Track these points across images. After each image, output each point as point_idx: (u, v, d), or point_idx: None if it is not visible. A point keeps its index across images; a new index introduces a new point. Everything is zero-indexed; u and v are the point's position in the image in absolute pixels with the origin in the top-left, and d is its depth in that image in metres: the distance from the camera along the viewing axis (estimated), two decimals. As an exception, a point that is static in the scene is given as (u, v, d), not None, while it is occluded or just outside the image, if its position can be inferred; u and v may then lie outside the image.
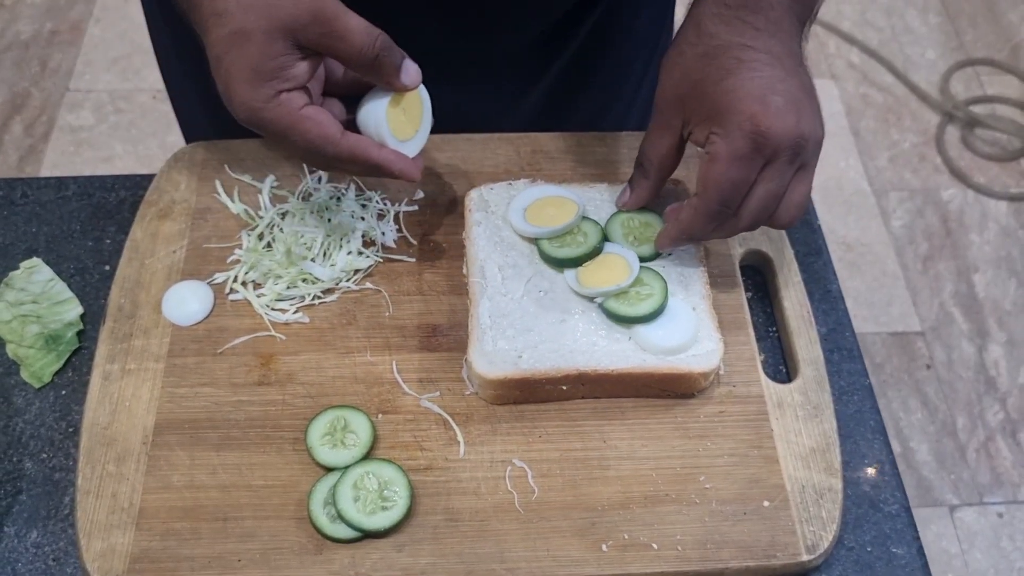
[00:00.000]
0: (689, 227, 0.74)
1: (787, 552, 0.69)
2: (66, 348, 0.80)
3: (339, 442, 0.72)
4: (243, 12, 0.67)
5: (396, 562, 0.68)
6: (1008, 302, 2.14)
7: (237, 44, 0.67)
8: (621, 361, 0.74)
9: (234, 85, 0.68)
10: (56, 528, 0.72)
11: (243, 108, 0.69)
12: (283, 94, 0.69)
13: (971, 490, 1.88)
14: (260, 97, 0.68)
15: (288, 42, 0.68)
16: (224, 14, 0.67)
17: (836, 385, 0.80)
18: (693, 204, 0.73)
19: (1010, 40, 2.64)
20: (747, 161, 0.69)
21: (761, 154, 0.69)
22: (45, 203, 0.90)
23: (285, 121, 0.69)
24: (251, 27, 0.67)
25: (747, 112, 0.68)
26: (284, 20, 0.67)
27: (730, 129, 0.68)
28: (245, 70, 0.67)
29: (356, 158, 0.72)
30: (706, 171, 0.70)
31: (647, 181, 0.79)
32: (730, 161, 0.68)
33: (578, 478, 0.72)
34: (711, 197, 0.71)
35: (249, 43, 0.67)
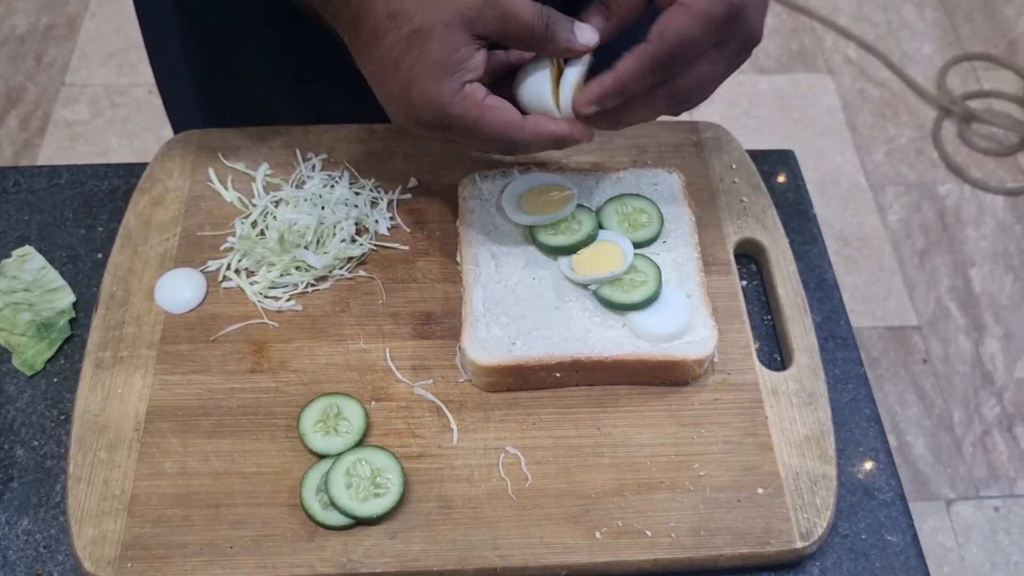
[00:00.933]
0: (626, 76, 0.68)
1: (781, 539, 0.69)
2: (58, 336, 0.80)
3: (332, 429, 0.72)
4: (420, 9, 0.65)
5: (389, 549, 0.67)
6: (1004, 297, 2.14)
7: (418, 42, 0.66)
8: (615, 348, 0.74)
9: (418, 84, 0.66)
10: (47, 515, 0.71)
11: (430, 106, 0.67)
12: (467, 86, 0.67)
13: (967, 484, 1.88)
14: (447, 92, 0.67)
15: (467, 32, 0.66)
16: (400, 15, 0.66)
17: (831, 373, 0.80)
18: (638, 51, 0.67)
19: (1007, 35, 2.64)
20: (714, 27, 0.66)
21: (727, 30, 0.67)
22: (37, 191, 0.89)
23: (473, 113, 0.67)
24: (431, 22, 0.65)
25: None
26: (461, 10, 0.66)
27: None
28: (430, 67, 0.66)
29: (540, 137, 0.70)
30: (669, 19, 0.66)
31: (605, 10, 0.72)
32: (702, 17, 0.65)
33: (572, 465, 0.71)
34: (665, 44, 0.66)
35: (431, 39, 0.66)
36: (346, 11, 0.68)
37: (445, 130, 0.68)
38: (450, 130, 0.68)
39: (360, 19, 0.68)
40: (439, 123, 0.68)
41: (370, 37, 0.68)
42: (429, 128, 0.68)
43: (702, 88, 0.70)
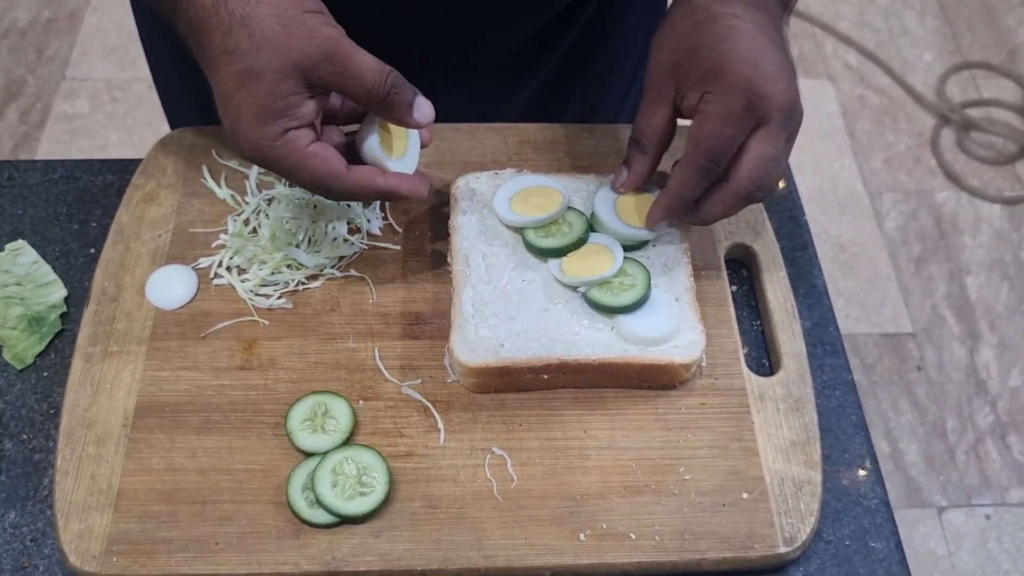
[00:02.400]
0: (679, 189, 0.73)
1: (765, 544, 0.69)
2: (49, 330, 0.80)
3: (319, 427, 0.72)
4: (255, 51, 0.66)
5: (373, 548, 0.68)
6: (1000, 305, 2.14)
7: (247, 83, 0.67)
8: (603, 351, 0.74)
9: (242, 123, 0.68)
10: (34, 509, 0.71)
11: (250, 146, 0.69)
12: (290, 132, 0.68)
13: (959, 492, 1.88)
14: (267, 135, 0.68)
15: (298, 80, 0.67)
16: (235, 52, 0.66)
17: (818, 379, 0.80)
18: (681, 164, 0.72)
19: (1007, 44, 2.65)
20: (739, 119, 0.69)
21: (754, 114, 0.70)
22: (31, 186, 0.90)
23: (292, 159, 0.69)
24: (262, 66, 0.66)
25: (741, 72, 0.69)
26: (296, 59, 0.67)
27: (724, 87, 0.69)
28: (254, 108, 0.67)
29: (364, 190, 0.72)
30: (697, 128, 0.70)
31: (645, 157, 0.77)
32: (723, 117, 0.69)
33: (558, 467, 0.72)
34: (700, 152, 0.70)
35: (260, 82, 0.66)
36: (191, 38, 0.70)
37: (269, 167, 0.70)
38: (273, 168, 0.70)
39: (203, 47, 0.69)
40: (260, 162, 0.70)
41: (209, 67, 0.69)
42: (255, 163, 0.71)
43: (767, 169, 0.72)
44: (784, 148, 0.73)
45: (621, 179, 0.79)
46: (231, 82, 0.67)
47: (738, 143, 0.71)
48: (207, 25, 0.67)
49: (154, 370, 0.75)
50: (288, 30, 0.67)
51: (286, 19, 0.67)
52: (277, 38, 0.66)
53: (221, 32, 0.67)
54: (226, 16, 0.67)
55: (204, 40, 0.68)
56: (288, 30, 0.67)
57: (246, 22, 0.66)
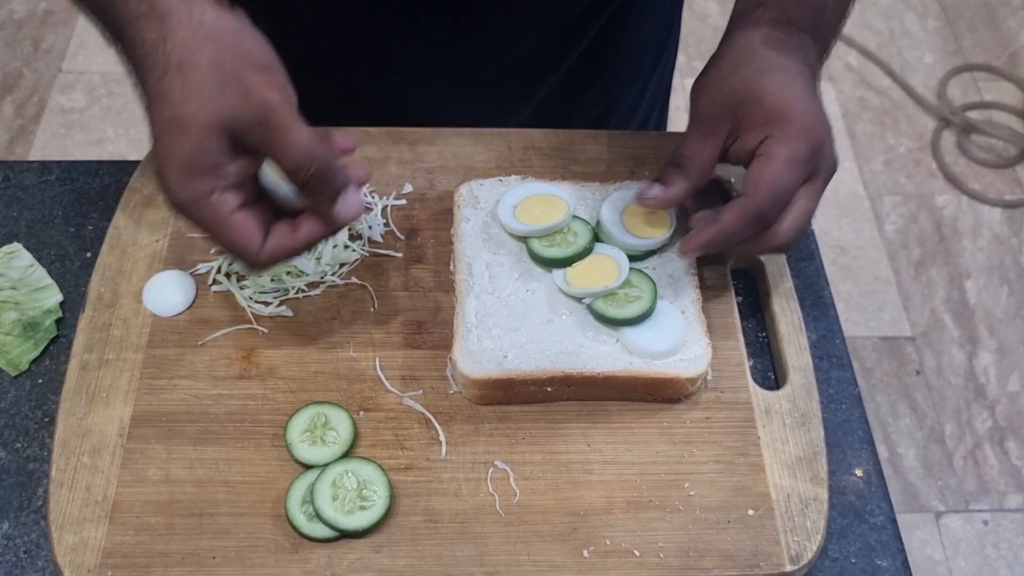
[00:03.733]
0: (730, 229, 0.72)
1: (770, 562, 0.68)
2: (44, 336, 0.79)
3: (319, 439, 0.71)
4: (184, 100, 0.62)
5: (374, 563, 0.66)
6: (999, 310, 2.13)
7: (173, 131, 0.63)
8: (608, 364, 0.73)
9: (167, 173, 0.64)
10: (28, 520, 0.70)
11: (174, 198, 0.64)
12: (214, 194, 0.64)
13: (957, 497, 1.87)
14: (191, 191, 0.64)
15: (225, 140, 0.63)
16: (166, 97, 0.62)
17: (824, 393, 0.79)
18: (739, 204, 0.71)
19: (1008, 46, 2.64)
20: (801, 167, 0.70)
21: (811, 165, 0.71)
22: (27, 187, 0.88)
23: (210, 224, 0.65)
24: (190, 117, 0.62)
25: (807, 122, 0.70)
26: (226, 116, 0.62)
27: (791, 133, 0.70)
28: (179, 160, 0.63)
29: (277, 261, 0.68)
30: (760, 171, 0.70)
31: (686, 182, 0.75)
32: (788, 162, 0.70)
33: (561, 482, 0.70)
34: (762, 196, 0.70)
35: (185, 134, 0.62)
36: (129, 70, 0.66)
37: (191, 221, 0.66)
38: (196, 224, 0.66)
39: (139, 83, 0.65)
40: (182, 216, 0.66)
41: (144, 104, 0.65)
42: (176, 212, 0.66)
43: (801, 225, 0.73)
44: (817, 202, 0.74)
45: (652, 192, 0.76)
46: (159, 125, 0.63)
47: (794, 191, 0.71)
48: (144, 63, 0.63)
49: (151, 378, 0.74)
50: (223, 85, 0.63)
51: (224, 72, 0.63)
52: (209, 91, 0.62)
53: (156, 74, 0.63)
54: (163, 58, 0.63)
55: (140, 78, 0.64)
56: (223, 85, 0.63)
57: (182, 68, 0.62)
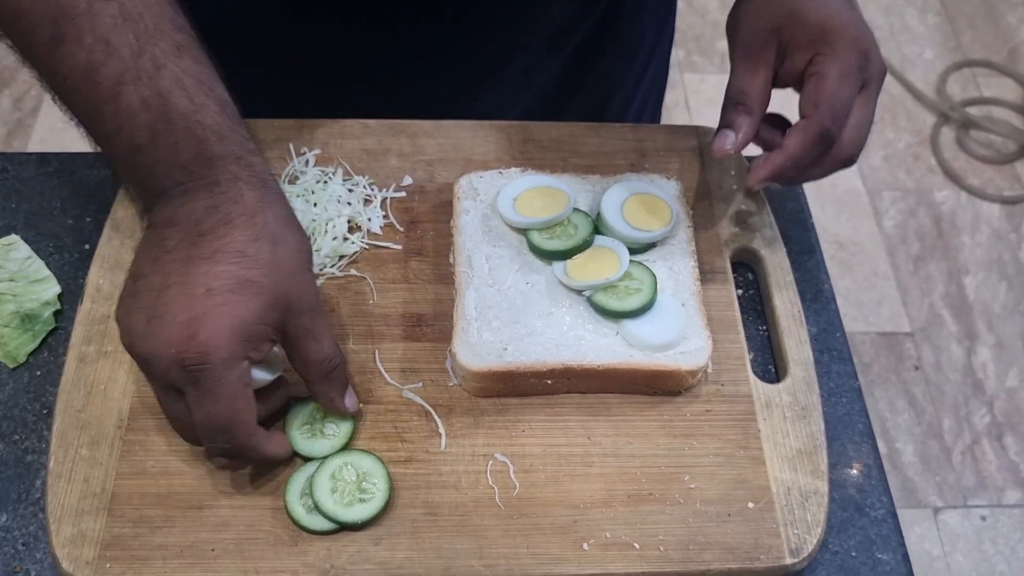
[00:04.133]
0: (798, 152, 0.72)
1: (770, 555, 0.68)
2: (42, 328, 0.79)
3: (318, 432, 0.70)
4: (271, 269, 0.64)
5: (373, 555, 0.66)
6: (998, 305, 2.13)
7: (246, 292, 0.63)
8: (608, 356, 0.73)
9: (214, 326, 0.61)
10: (26, 512, 0.70)
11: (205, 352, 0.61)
12: (245, 362, 0.63)
13: (955, 493, 1.87)
14: (232, 353, 0.62)
15: (280, 317, 0.64)
16: (252, 258, 0.63)
17: (825, 386, 0.79)
18: (801, 126, 0.72)
19: (1008, 42, 2.64)
20: (852, 77, 0.71)
21: (863, 74, 0.72)
22: (25, 179, 0.88)
23: (229, 389, 0.62)
24: (268, 285, 0.63)
25: (852, 34, 0.72)
26: (292, 298, 0.65)
27: (838, 48, 0.71)
28: (238, 319, 0.62)
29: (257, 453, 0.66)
30: (815, 89, 0.71)
31: (751, 118, 0.75)
32: (841, 77, 0.71)
33: (561, 474, 0.70)
34: (823, 115, 0.71)
35: (258, 298, 0.63)
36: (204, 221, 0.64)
37: (190, 381, 0.62)
38: (195, 384, 0.62)
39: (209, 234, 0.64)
40: (195, 372, 0.61)
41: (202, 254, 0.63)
42: (178, 369, 0.61)
43: (862, 135, 0.74)
44: (873, 112, 0.75)
45: (729, 141, 0.75)
46: (228, 281, 0.62)
47: (851, 104, 0.72)
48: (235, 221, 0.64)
49: (150, 370, 0.74)
50: (301, 268, 0.66)
51: (302, 259, 0.67)
52: (291, 269, 0.65)
53: (247, 235, 0.64)
54: (260, 224, 0.64)
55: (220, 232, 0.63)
56: (301, 268, 0.66)
57: (276, 241, 0.65)
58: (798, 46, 0.73)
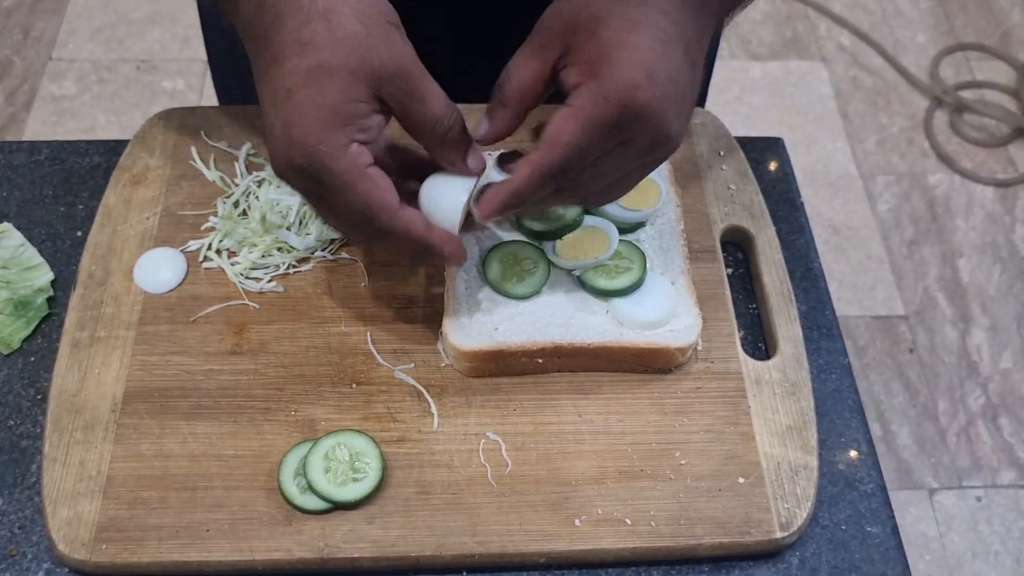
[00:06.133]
0: (523, 187, 0.63)
1: (761, 529, 0.68)
2: (36, 314, 0.79)
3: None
4: (332, 46, 0.60)
5: (366, 534, 0.67)
6: (992, 288, 2.14)
7: (318, 79, 0.60)
8: (598, 335, 0.73)
9: (304, 123, 0.60)
10: (22, 496, 0.70)
11: (308, 151, 0.60)
12: (354, 145, 0.61)
13: (951, 474, 1.88)
14: (331, 142, 0.60)
15: (370, 89, 0.61)
16: (309, 44, 0.60)
17: (815, 363, 0.79)
18: (533, 160, 0.62)
19: (1000, 25, 2.64)
20: (606, 132, 0.61)
21: (622, 132, 0.61)
22: (17, 167, 0.88)
23: (348, 176, 0.61)
24: (338, 63, 0.60)
25: (630, 79, 0.59)
26: (374, 64, 0.60)
27: (605, 87, 0.60)
28: (323, 108, 0.60)
29: (409, 234, 0.64)
30: (559, 126, 0.61)
31: (506, 111, 0.66)
32: (590, 125, 0.60)
33: (552, 452, 0.71)
34: (555, 158, 0.61)
35: (332, 80, 0.60)
36: (258, 24, 0.62)
37: (315, 182, 0.62)
38: (320, 183, 0.62)
39: (269, 37, 0.61)
40: (312, 172, 0.61)
41: (272, 59, 0.61)
42: (300, 174, 0.62)
43: (614, 186, 0.67)
44: (640, 171, 0.66)
45: (482, 130, 0.67)
46: (298, 76, 0.60)
47: (598, 155, 0.62)
48: (282, 12, 0.60)
49: (143, 355, 0.74)
50: (370, 32, 0.61)
51: (369, 21, 0.61)
52: (358, 37, 0.60)
53: (297, 21, 0.60)
54: (306, 4, 0.60)
55: (273, 29, 0.61)
56: (370, 32, 0.61)
57: (328, 15, 0.60)
58: (577, 59, 0.62)
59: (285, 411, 0.72)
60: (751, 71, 2.50)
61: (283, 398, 0.73)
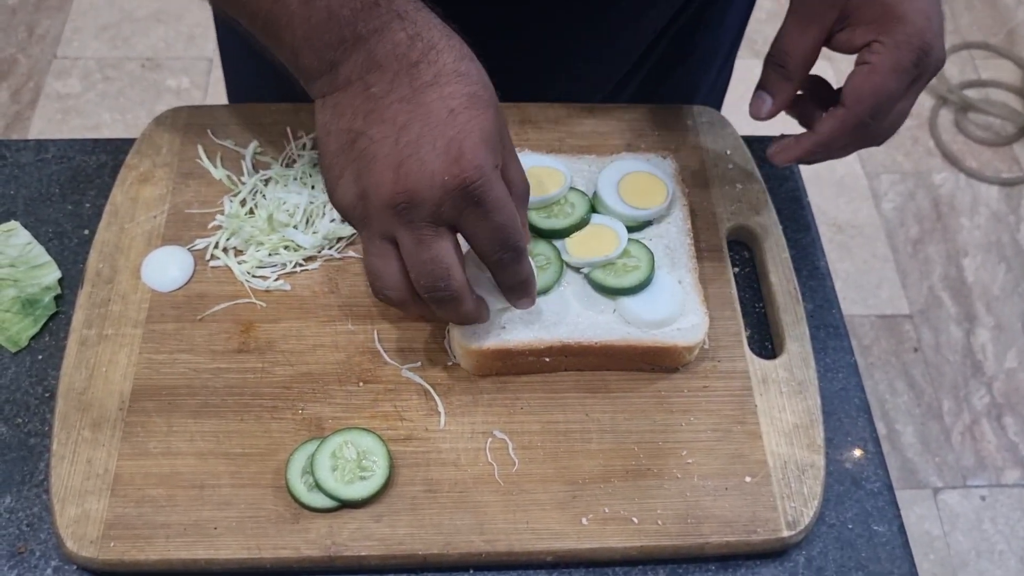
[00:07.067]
0: (830, 139, 0.71)
1: (768, 528, 0.68)
2: (43, 312, 0.79)
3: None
4: (483, 83, 0.63)
5: (374, 532, 0.67)
6: (997, 287, 2.14)
7: (476, 105, 0.62)
8: (605, 333, 0.73)
9: (471, 141, 0.61)
10: (30, 494, 0.71)
11: (476, 165, 0.61)
12: (498, 170, 0.63)
13: (955, 473, 1.88)
14: (492, 161, 0.62)
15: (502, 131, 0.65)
16: (467, 76, 0.62)
17: (821, 362, 0.79)
18: (839, 115, 0.70)
19: (1006, 24, 2.63)
20: (905, 74, 0.68)
21: (917, 71, 0.69)
22: (24, 165, 0.88)
23: (502, 192, 0.62)
24: (489, 97, 0.63)
25: (918, 26, 0.68)
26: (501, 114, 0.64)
27: (899, 40, 0.68)
28: (485, 130, 0.62)
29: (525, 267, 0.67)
30: (863, 80, 0.69)
31: (788, 82, 0.73)
32: (892, 72, 0.68)
33: (559, 451, 0.71)
34: (865, 107, 0.69)
35: (488, 108, 0.63)
36: (409, 54, 0.62)
37: (471, 201, 0.62)
38: (477, 202, 0.62)
39: (425, 64, 0.62)
40: (476, 188, 0.61)
41: (429, 83, 0.62)
42: (457, 191, 0.61)
43: (897, 125, 0.73)
44: (912, 103, 0.73)
45: (766, 107, 0.74)
46: (460, 99, 0.62)
47: (898, 98, 0.70)
48: (438, 45, 0.63)
49: (150, 353, 0.75)
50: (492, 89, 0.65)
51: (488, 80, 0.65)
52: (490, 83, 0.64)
53: (453, 55, 0.63)
54: (458, 45, 0.64)
55: (429, 58, 0.62)
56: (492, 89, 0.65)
57: (474, 58, 0.64)
58: (861, 20, 0.69)
59: (292, 409, 0.72)
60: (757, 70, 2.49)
61: (290, 396, 0.73)
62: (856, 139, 0.72)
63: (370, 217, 0.64)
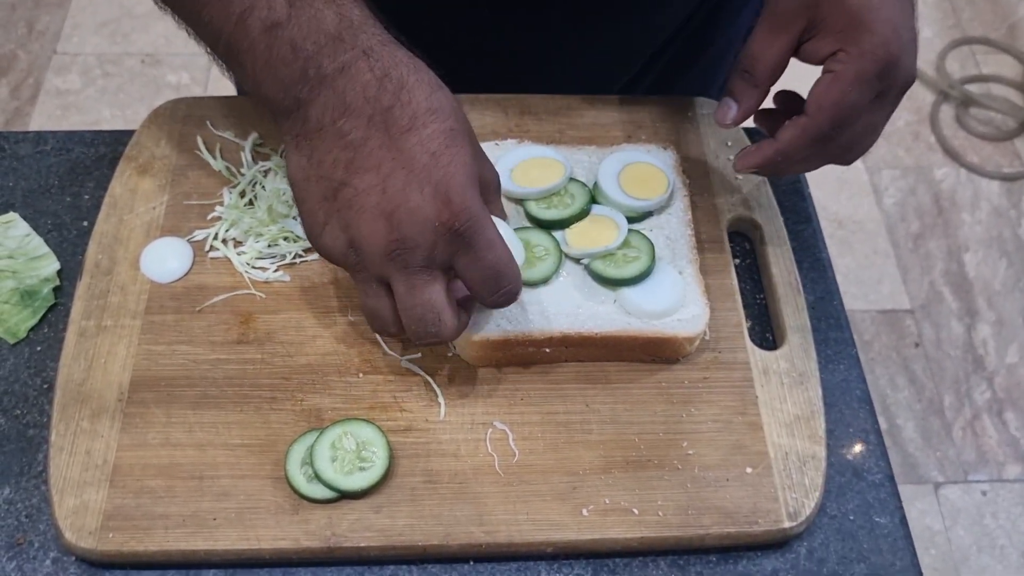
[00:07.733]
0: (789, 148, 0.71)
1: (769, 519, 0.68)
2: (42, 304, 0.79)
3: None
4: (455, 113, 0.63)
5: (373, 523, 0.67)
6: (998, 282, 2.13)
7: (455, 141, 0.62)
8: (605, 324, 0.73)
9: (456, 183, 0.61)
10: (29, 485, 0.70)
11: (466, 208, 0.61)
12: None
13: (956, 468, 1.88)
14: (479, 200, 0.62)
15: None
16: (440, 111, 0.62)
17: (822, 353, 0.79)
18: (800, 123, 0.70)
19: (1007, 19, 2.63)
20: (868, 85, 0.68)
21: (881, 84, 0.68)
22: (23, 157, 0.88)
23: (490, 240, 0.62)
24: (462, 128, 0.63)
25: (884, 36, 0.67)
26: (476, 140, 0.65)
27: (863, 49, 0.67)
28: (467, 166, 0.62)
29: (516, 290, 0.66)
30: (825, 89, 0.68)
31: (755, 89, 0.73)
32: (855, 82, 0.67)
33: (560, 442, 0.71)
34: (825, 116, 0.68)
35: (465, 142, 0.63)
36: (380, 98, 0.62)
37: (465, 243, 0.62)
38: (471, 244, 0.62)
39: (399, 107, 0.61)
40: (466, 229, 0.61)
41: (406, 128, 0.61)
42: (441, 244, 0.62)
43: (867, 139, 0.72)
44: (884, 118, 0.72)
45: (731, 113, 0.74)
46: (439, 139, 0.61)
47: (860, 110, 0.69)
48: (408, 82, 0.62)
49: (149, 344, 0.74)
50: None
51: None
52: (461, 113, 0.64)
53: (424, 92, 0.62)
54: (427, 78, 0.63)
55: (401, 100, 0.61)
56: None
57: (441, 87, 0.64)
58: (828, 30, 0.69)
59: (292, 400, 0.72)
60: (756, 65, 2.49)
61: (289, 387, 0.73)
62: (818, 152, 0.72)
63: (364, 264, 0.64)
